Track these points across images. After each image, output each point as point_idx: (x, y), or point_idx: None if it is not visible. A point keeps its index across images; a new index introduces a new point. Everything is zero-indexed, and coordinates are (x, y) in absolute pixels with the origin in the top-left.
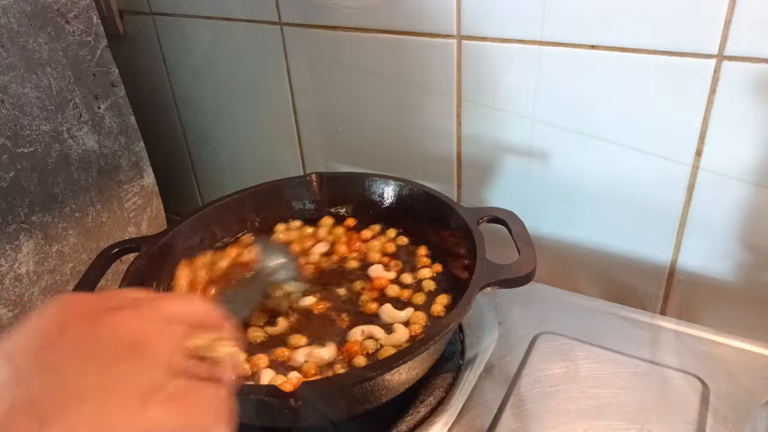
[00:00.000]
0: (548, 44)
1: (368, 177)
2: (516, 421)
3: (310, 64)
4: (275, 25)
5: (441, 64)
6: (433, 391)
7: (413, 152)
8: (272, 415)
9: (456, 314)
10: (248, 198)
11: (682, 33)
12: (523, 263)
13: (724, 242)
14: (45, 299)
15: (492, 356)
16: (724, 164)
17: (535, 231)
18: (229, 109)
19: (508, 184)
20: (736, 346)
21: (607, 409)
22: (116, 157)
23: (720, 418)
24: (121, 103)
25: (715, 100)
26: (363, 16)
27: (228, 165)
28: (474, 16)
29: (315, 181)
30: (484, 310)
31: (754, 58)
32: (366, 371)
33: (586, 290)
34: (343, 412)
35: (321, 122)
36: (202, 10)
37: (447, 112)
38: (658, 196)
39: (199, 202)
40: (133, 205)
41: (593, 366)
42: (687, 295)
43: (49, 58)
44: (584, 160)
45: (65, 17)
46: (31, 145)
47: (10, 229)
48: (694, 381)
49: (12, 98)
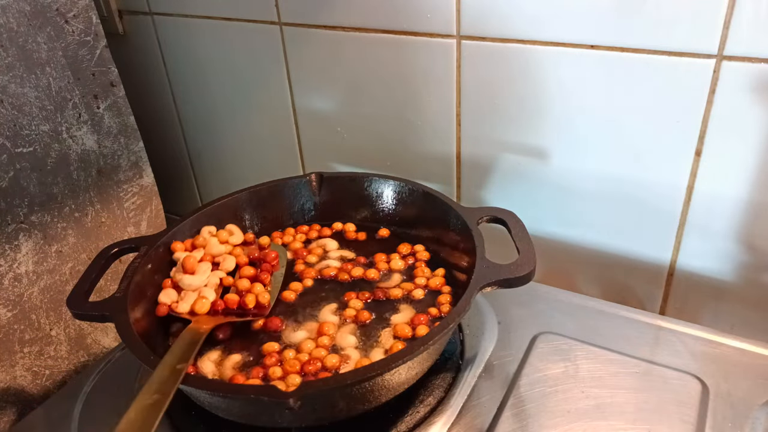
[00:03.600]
0: (548, 44)
1: (368, 177)
2: (515, 421)
3: (310, 64)
4: (275, 25)
5: (441, 64)
6: (432, 391)
7: (413, 152)
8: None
9: (455, 314)
10: (248, 198)
11: (682, 33)
12: (523, 263)
13: (724, 242)
14: (44, 299)
15: (491, 356)
16: (724, 164)
17: (535, 231)
18: (228, 109)
19: (508, 184)
20: (735, 346)
21: (607, 409)
22: (115, 157)
23: (719, 419)
24: (120, 103)
25: (715, 100)
26: (363, 16)
27: (228, 165)
28: (474, 16)
29: (314, 180)
30: (484, 310)
31: (753, 58)
32: (366, 371)
33: (585, 290)
34: (343, 412)
35: (321, 122)
36: (202, 9)
37: (447, 112)
38: (658, 196)
39: (199, 202)
40: (132, 205)
41: (593, 366)
42: (687, 295)
43: (48, 57)
44: (584, 160)
45: (64, 17)
46: (30, 145)
47: (9, 229)
48: (693, 381)
49: (11, 98)
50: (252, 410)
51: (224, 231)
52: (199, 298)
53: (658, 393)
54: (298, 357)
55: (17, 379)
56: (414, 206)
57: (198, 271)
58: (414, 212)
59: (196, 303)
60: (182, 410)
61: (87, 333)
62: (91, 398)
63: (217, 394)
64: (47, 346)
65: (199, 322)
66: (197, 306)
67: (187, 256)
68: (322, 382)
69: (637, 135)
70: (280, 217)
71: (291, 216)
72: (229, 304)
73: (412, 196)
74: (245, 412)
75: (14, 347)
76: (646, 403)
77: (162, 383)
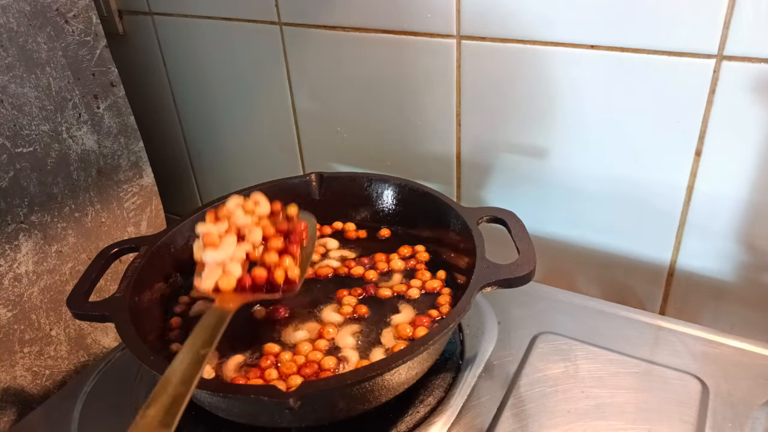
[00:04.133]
0: (548, 44)
1: (368, 177)
2: (515, 421)
3: (310, 64)
4: (275, 25)
5: (441, 64)
6: (432, 391)
7: (413, 152)
8: (272, 415)
9: (455, 314)
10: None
11: (681, 33)
12: (522, 263)
13: (724, 242)
14: (44, 299)
15: (491, 356)
16: (724, 164)
17: (535, 231)
18: (228, 109)
19: (508, 184)
20: (735, 346)
21: (607, 409)
22: (115, 157)
23: (719, 419)
24: (120, 103)
25: (715, 100)
26: (363, 16)
27: (227, 165)
28: (474, 16)
29: (314, 180)
30: (484, 310)
31: (753, 58)
32: (366, 371)
33: (585, 290)
34: (343, 412)
35: (320, 122)
36: (202, 9)
37: (446, 112)
38: (658, 196)
39: (199, 202)
40: (132, 205)
41: (593, 366)
42: (687, 295)
43: (48, 57)
44: (584, 160)
45: (64, 17)
46: (30, 145)
47: (9, 229)
48: (693, 381)
49: (11, 98)
50: (252, 410)
51: (250, 201)
52: (224, 274)
53: (658, 393)
54: (294, 359)
55: (17, 379)
56: (414, 206)
57: (222, 245)
58: (414, 212)
59: (222, 279)
60: None
61: (87, 333)
62: (91, 398)
63: (217, 394)
64: (47, 346)
65: (224, 301)
66: (222, 282)
67: (206, 231)
68: (323, 382)
69: (637, 135)
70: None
71: None
72: (257, 280)
73: (412, 196)
74: (245, 412)
75: (14, 347)
76: (646, 403)
77: (185, 371)
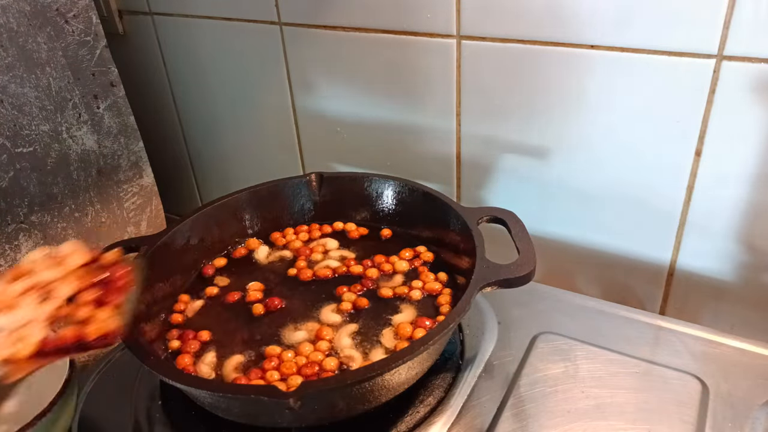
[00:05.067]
0: (548, 44)
1: (368, 177)
2: (515, 421)
3: (310, 64)
4: (275, 25)
5: (441, 64)
6: (432, 391)
7: (413, 152)
8: (272, 415)
9: (455, 314)
10: (248, 198)
11: (681, 33)
12: (523, 263)
13: (724, 242)
14: None
15: (491, 356)
16: (724, 164)
17: (535, 231)
18: (228, 109)
19: (507, 184)
20: (735, 346)
21: (607, 409)
22: (115, 157)
23: (719, 419)
24: (120, 103)
25: (715, 100)
26: (363, 16)
27: (227, 165)
28: (474, 16)
29: (314, 180)
30: (484, 310)
31: (753, 58)
32: (366, 371)
33: (585, 290)
34: (343, 412)
35: (320, 122)
36: (202, 9)
37: (447, 112)
38: (658, 196)
39: (199, 202)
40: (132, 205)
41: (593, 366)
42: (687, 295)
43: (48, 57)
44: (584, 160)
45: (64, 17)
46: (30, 145)
47: (9, 229)
48: (693, 381)
49: (11, 98)
50: (252, 410)
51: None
52: (19, 340)
53: (658, 393)
54: (295, 360)
55: None
56: (414, 206)
57: (18, 306)
58: (414, 212)
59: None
60: (182, 410)
61: None
62: (91, 398)
63: (217, 394)
64: None
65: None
66: (18, 350)
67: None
68: (323, 382)
69: (636, 135)
70: (280, 217)
71: (291, 216)
72: (62, 341)
73: (412, 196)
74: (245, 412)
75: None
76: (646, 403)
77: None
